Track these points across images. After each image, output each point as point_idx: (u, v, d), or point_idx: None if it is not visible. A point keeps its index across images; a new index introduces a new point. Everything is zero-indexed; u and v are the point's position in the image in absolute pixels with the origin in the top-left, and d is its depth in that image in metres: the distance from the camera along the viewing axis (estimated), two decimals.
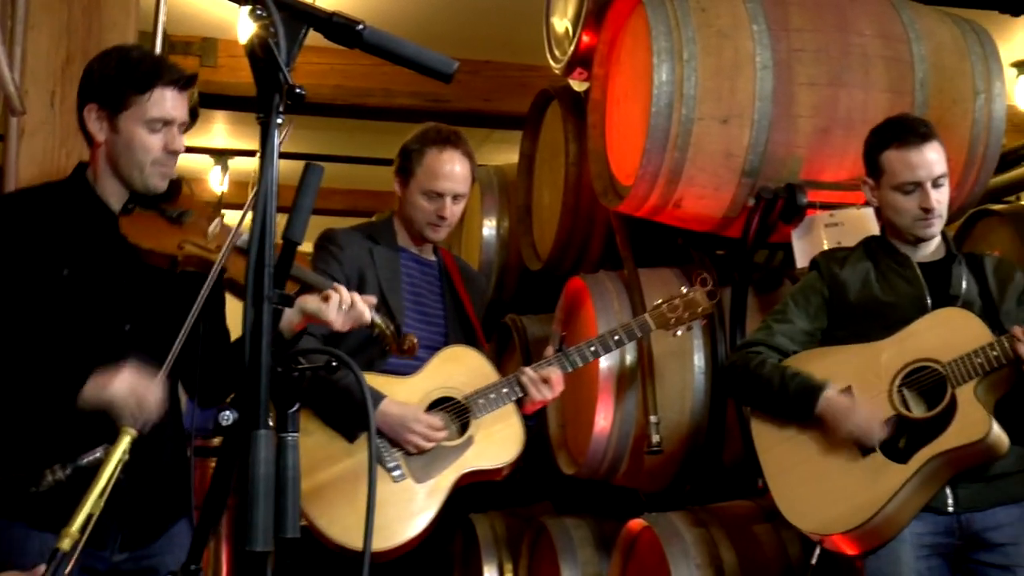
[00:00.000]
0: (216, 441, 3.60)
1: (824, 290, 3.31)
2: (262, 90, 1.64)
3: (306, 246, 2.83)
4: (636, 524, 4.13)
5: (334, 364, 1.81)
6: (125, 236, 2.56)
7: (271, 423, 1.67)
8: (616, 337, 3.47)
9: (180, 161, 2.72)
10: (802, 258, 3.92)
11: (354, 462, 3.19)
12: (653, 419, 4.06)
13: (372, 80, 7.04)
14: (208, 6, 6.59)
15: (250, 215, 1.67)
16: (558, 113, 5.02)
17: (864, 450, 3.10)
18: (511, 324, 5.25)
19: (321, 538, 3.14)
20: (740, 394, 3.57)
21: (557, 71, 4.84)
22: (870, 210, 3.46)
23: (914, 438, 3.05)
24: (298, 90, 1.61)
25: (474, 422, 3.31)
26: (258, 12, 1.62)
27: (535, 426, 3.48)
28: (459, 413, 3.33)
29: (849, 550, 3.13)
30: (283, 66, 1.60)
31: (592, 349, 3.45)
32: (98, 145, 2.67)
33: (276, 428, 1.74)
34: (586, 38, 4.56)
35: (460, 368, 3.37)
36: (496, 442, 3.32)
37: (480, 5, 6.63)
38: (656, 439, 4.03)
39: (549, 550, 4.72)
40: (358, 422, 3.19)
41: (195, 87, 2.74)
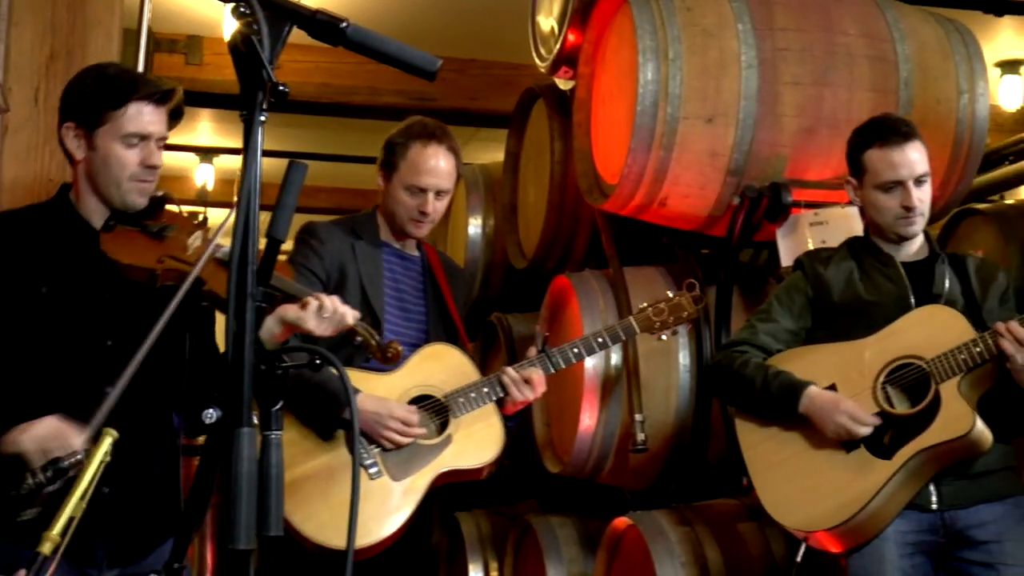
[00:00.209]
0: (200, 439, 3.58)
1: (808, 290, 3.32)
2: (245, 88, 1.64)
3: (289, 244, 2.83)
4: (621, 522, 4.14)
5: (317, 361, 1.81)
6: (105, 252, 2.54)
7: (255, 421, 1.67)
8: (600, 339, 3.43)
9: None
10: (787, 257, 3.93)
11: (328, 458, 3.14)
12: (638, 418, 4.07)
13: (358, 78, 7.03)
14: (193, 4, 6.57)
15: (230, 223, 1.66)
16: (544, 112, 5.02)
17: (848, 447, 3.10)
18: (496, 322, 5.26)
19: (295, 535, 3.06)
20: (724, 393, 3.57)
21: (543, 70, 4.85)
22: (855, 209, 3.47)
23: (898, 434, 3.05)
24: (281, 87, 1.61)
25: (453, 421, 3.26)
26: (241, 9, 1.61)
27: (515, 427, 3.43)
28: (438, 412, 3.28)
29: (833, 548, 3.13)
30: (266, 63, 1.60)
31: (575, 351, 3.41)
32: (77, 163, 2.67)
33: (260, 426, 1.74)
34: (572, 37, 4.56)
35: (440, 366, 3.32)
36: (475, 442, 3.27)
37: (466, 4, 6.62)
38: (641, 437, 4.04)
39: (534, 549, 4.72)
40: (331, 417, 3.14)
41: (174, 101, 2.70)
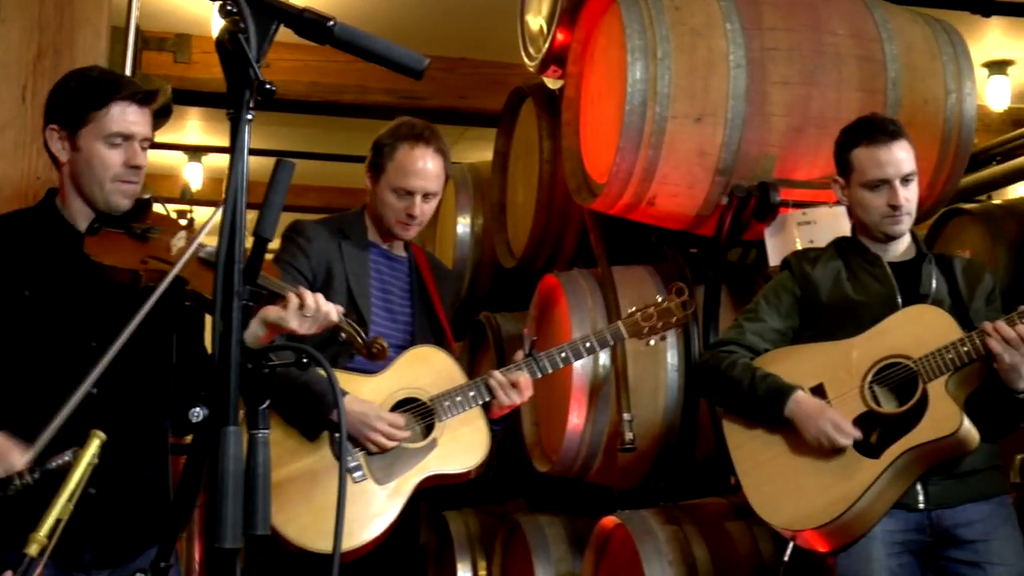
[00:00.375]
0: (188, 438, 3.57)
1: (796, 289, 3.32)
2: (232, 86, 1.63)
3: (276, 243, 2.82)
4: (609, 521, 4.14)
5: (304, 360, 1.80)
6: (88, 255, 2.53)
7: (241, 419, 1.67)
8: (588, 344, 3.39)
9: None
10: (775, 256, 3.93)
11: (312, 460, 3.11)
12: (626, 417, 4.07)
13: (347, 77, 7.02)
14: (181, 2, 6.54)
15: (214, 222, 1.65)
16: (532, 111, 5.02)
17: None
18: (485, 322, 5.26)
19: (277, 536, 3.04)
20: (711, 394, 3.57)
21: (531, 69, 4.85)
22: (842, 208, 3.47)
23: (886, 433, 3.06)
24: (268, 86, 1.60)
25: (439, 424, 3.22)
26: (228, 7, 1.61)
27: (501, 431, 3.40)
28: (424, 415, 3.24)
29: (821, 547, 3.14)
30: (253, 62, 1.59)
31: (563, 355, 3.37)
32: (62, 166, 2.67)
33: (247, 425, 1.74)
34: (560, 36, 4.56)
35: (427, 369, 3.29)
36: (460, 446, 3.24)
37: (455, 3, 6.61)
38: (629, 437, 4.04)
39: (523, 548, 4.72)
40: (317, 418, 3.11)
41: (158, 102, 2.70)
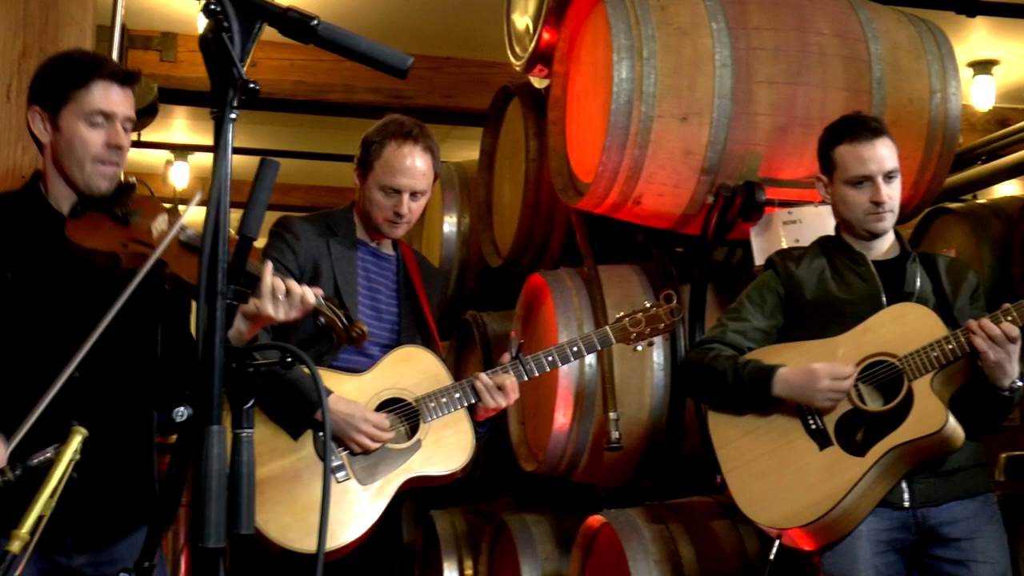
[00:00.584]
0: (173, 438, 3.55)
1: (780, 288, 3.32)
2: (216, 85, 1.63)
3: (261, 243, 2.80)
4: (595, 520, 4.15)
5: (288, 359, 1.80)
6: (69, 238, 2.53)
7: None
8: (575, 348, 3.36)
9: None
10: (760, 255, 3.94)
11: (296, 459, 3.10)
12: (612, 416, 4.08)
13: (333, 76, 7.00)
14: (167, 0, 6.54)
15: (193, 208, 1.65)
16: (519, 110, 5.03)
17: (821, 444, 3.11)
18: (471, 320, 5.26)
19: (260, 537, 3.00)
20: (698, 391, 3.57)
21: (518, 68, 4.85)
22: (828, 208, 3.47)
23: (871, 431, 3.07)
24: (252, 85, 1.60)
25: (423, 426, 3.21)
26: (212, 6, 1.60)
27: (486, 433, 3.38)
28: (409, 415, 3.23)
29: (807, 545, 3.15)
30: (236, 61, 1.59)
31: (549, 359, 3.35)
32: (44, 148, 2.66)
33: (231, 424, 1.74)
34: (546, 35, 4.57)
35: (412, 369, 3.28)
36: (445, 448, 3.22)
37: (441, 2, 6.60)
38: (615, 435, 4.05)
39: (509, 547, 4.73)
40: (302, 418, 3.10)
41: (138, 83, 2.67)
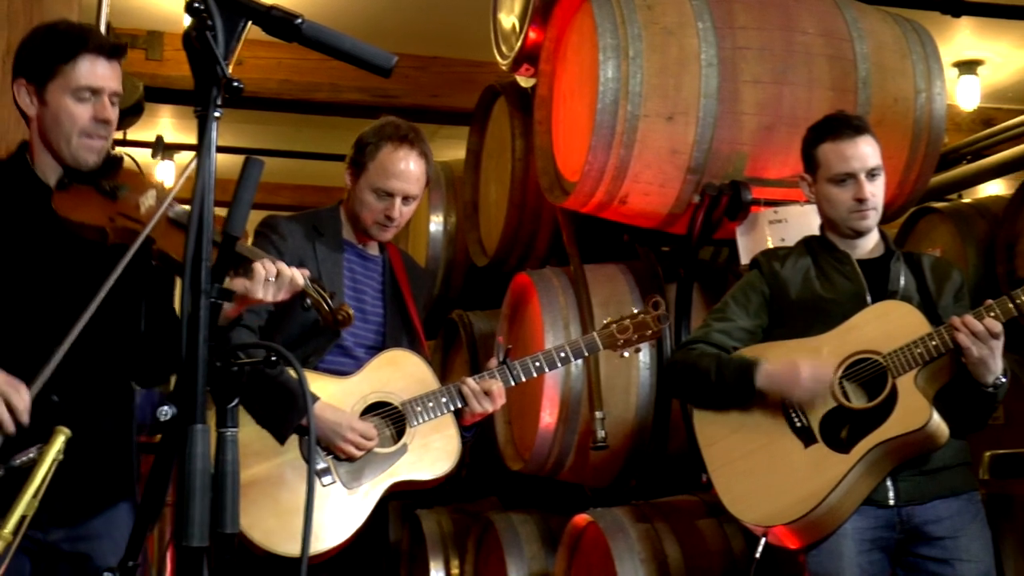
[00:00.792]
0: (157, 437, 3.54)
1: (764, 288, 3.32)
2: (200, 83, 1.63)
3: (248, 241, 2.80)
4: (581, 519, 4.15)
5: (273, 359, 1.80)
6: (56, 211, 2.52)
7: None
8: (562, 354, 3.36)
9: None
10: (746, 254, 3.94)
11: (281, 462, 3.09)
12: (598, 415, 4.08)
13: (319, 75, 6.99)
14: None
15: (181, 184, 1.65)
16: (505, 109, 5.02)
17: (806, 441, 3.12)
18: (458, 320, 5.26)
19: (244, 539, 3.00)
20: (682, 391, 3.57)
21: (504, 67, 4.85)
22: (813, 207, 3.47)
23: (856, 429, 3.07)
24: (236, 83, 1.60)
25: (410, 430, 3.20)
26: (196, 5, 1.60)
27: (472, 438, 3.37)
28: (395, 419, 3.22)
29: (792, 543, 3.15)
30: (220, 59, 1.59)
31: (537, 364, 3.34)
32: (31, 121, 2.65)
33: (216, 423, 1.74)
34: (533, 34, 4.57)
35: (399, 373, 3.27)
36: (431, 453, 3.21)
37: (428, 1, 6.60)
38: (601, 435, 4.05)
39: (495, 546, 4.73)
40: (289, 423, 3.08)
41: (124, 55, 2.66)
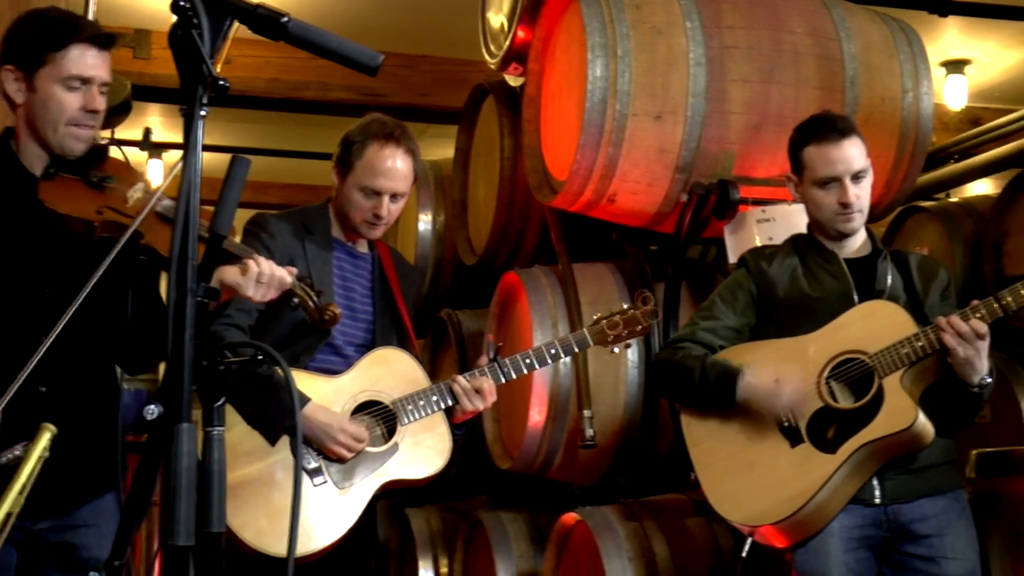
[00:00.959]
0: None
1: (752, 287, 3.32)
2: (186, 82, 1.63)
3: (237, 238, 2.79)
4: (570, 518, 4.15)
5: (260, 358, 1.79)
6: (42, 201, 2.51)
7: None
8: (553, 351, 3.35)
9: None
10: (734, 253, 3.95)
11: (272, 462, 3.08)
12: (587, 413, 4.09)
13: (308, 73, 6.97)
14: None
15: (171, 181, 1.65)
16: (493, 108, 5.03)
17: (793, 441, 3.13)
18: (446, 319, 5.26)
19: (233, 539, 3.00)
20: (668, 390, 3.58)
21: (493, 66, 4.85)
22: (801, 206, 3.47)
23: (842, 429, 3.07)
24: (221, 82, 1.60)
25: (400, 429, 3.19)
26: (181, 3, 1.60)
27: (463, 436, 3.37)
28: (386, 418, 3.22)
29: (779, 542, 3.15)
30: (206, 58, 1.59)
31: (527, 361, 3.33)
32: (17, 107, 2.63)
33: (203, 422, 1.73)
34: (521, 33, 4.57)
35: (389, 371, 3.26)
36: (422, 452, 3.21)
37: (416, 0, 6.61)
38: (590, 433, 4.05)
39: (484, 544, 4.73)
40: (280, 425, 3.07)
41: (115, 45, 2.65)
